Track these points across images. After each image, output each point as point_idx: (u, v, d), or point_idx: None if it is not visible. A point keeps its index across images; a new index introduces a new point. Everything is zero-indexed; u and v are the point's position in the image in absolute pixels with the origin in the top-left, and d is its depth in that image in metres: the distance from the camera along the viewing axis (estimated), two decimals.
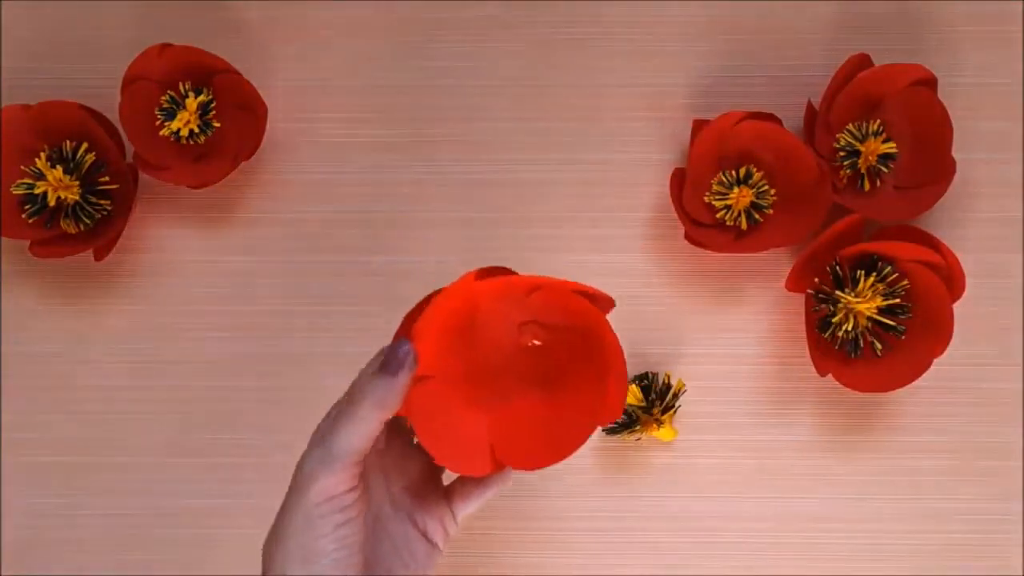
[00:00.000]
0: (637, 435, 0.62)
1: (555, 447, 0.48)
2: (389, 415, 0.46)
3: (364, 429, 0.45)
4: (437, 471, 0.52)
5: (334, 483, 0.45)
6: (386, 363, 0.46)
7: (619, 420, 0.61)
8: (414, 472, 0.51)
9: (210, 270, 0.66)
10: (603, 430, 0.62)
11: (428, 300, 0.48)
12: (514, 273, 0.47)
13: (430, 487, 0.51)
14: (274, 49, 0.68)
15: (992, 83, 0.67)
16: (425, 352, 0.46)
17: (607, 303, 0.48)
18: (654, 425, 0.62)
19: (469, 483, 0.51)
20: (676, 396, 0.62)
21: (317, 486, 0.45)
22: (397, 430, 0.51)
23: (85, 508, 0.64)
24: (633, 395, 0.61)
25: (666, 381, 0.62)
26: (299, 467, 0.46)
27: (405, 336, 0.46)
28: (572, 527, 0.63)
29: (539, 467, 0.48)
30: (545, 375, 0.49)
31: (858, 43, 0.66)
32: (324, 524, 0.45)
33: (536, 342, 0.49)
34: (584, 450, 0.63)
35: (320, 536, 0.45)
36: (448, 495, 0.51)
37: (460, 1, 0.68)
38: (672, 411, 0.62)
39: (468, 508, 0.51)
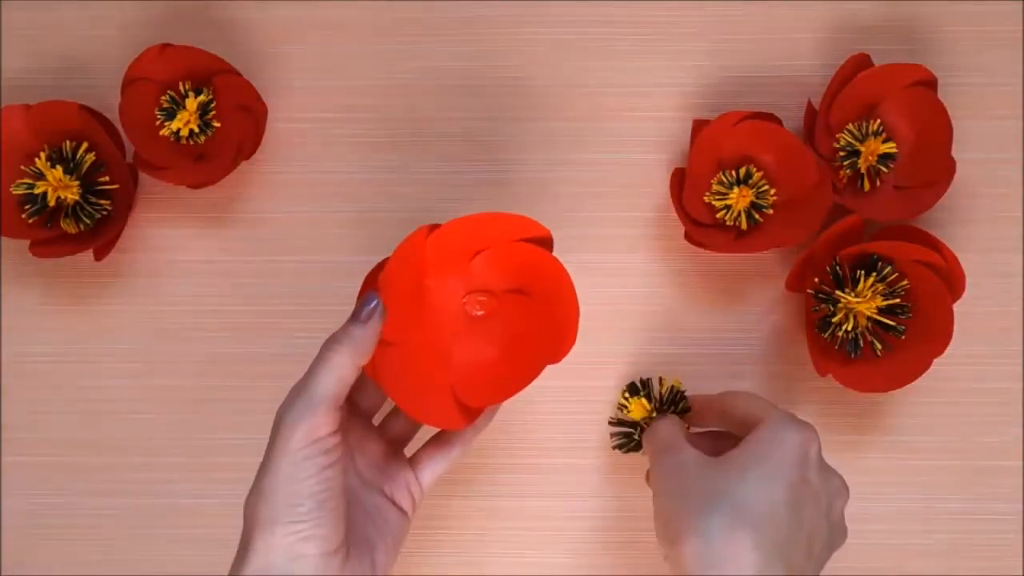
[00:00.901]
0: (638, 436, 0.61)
1: (514, 383, 0.52)
2: (362, 361, 0.49)
3: (341, 373, 0.48)
4: (398, 445, 0.55)
5: (317, 425, 0.47)
6: (356, 313, 0.50)
7: (635, 438, 0.60)
8: (376, 450, 0.54)
9: (210, 270, 0.66)
10: (618, 448, 0.61)
11: (384, 262, 0.52)
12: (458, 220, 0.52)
13: (393, 460, 0.54)
14: (274, 49, 0.68)
15: (992, 83, 0.67)
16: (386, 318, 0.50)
17: (547, 238, 0.53)
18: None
19: (431, 450, 0.55)
20: (684, 397, 0.61)
21: (300, 430, 0.47)
22: (355, 413, 0.54)
23: (85, 508, 0.64)
24: (641, 407, 0.60)
25: (663, 384, 0.62)
26: (279, 420, 0.48)
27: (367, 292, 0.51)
28: (570, 527, 0.63)
29: (500, 401, 0.53)
30: (498, 335, 0.54)
31: (858, 43, 0.66)
32: (309, 466, 0.47)
33: (480, 312, 0.54)
34: (584, 450, 0.64)
35: (306, 478, 0.47)
36: (413, 463, 0.54)
37: (459, 1, 0.68)
38: (687, 414, 0.61)
39: (434, 473, 0.55)
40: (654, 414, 0.60)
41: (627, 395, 0.61)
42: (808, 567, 0.51)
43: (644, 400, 0.61)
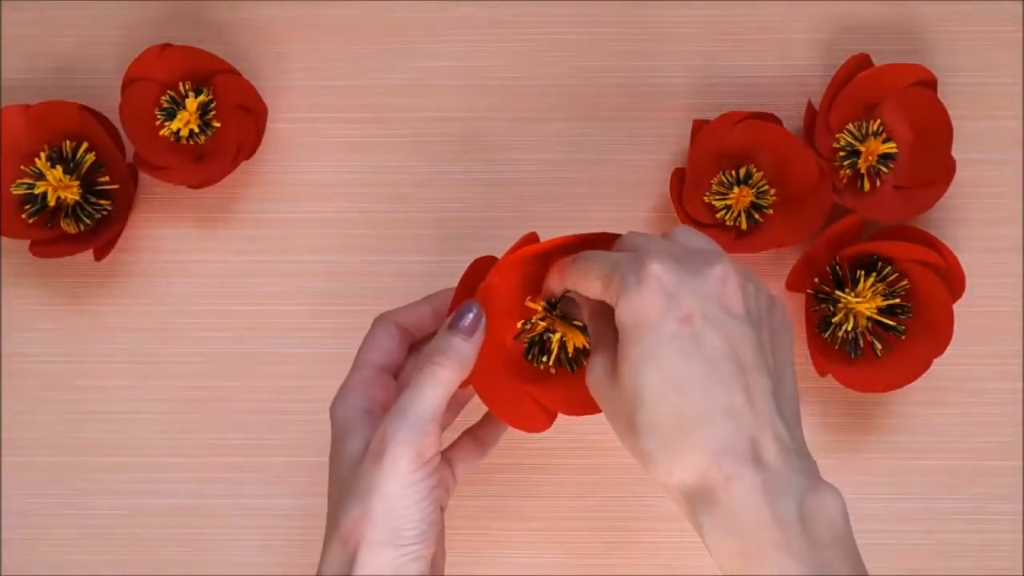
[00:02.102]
0: (555, 347, 0.53)
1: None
2: (465, 376, 0.48)
3: (448, 389, 0.47)
4: None
5: (428, 445, 0.46)
6: (456, 323, 0.48)
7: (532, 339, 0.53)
8: None
9: (210, 270, 0.66)
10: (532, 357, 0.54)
11: (476, 267, 0.51)
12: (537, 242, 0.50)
13: None
14: (274, 49, 0.68)
15: (992, 83, 0.67)
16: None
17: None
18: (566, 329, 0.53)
19: (466, 447, 0.54)
20: (570, 300, 0.53)
21: (411, 453, 0.45)
22: None
23: (85, 508, 0.64)
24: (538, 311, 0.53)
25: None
26: (386, 438, 0.46)
27: (463, 296, 0.49)
28: (570, 527, 0.63)
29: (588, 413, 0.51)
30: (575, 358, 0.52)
31: (858, 43, 0.66)
32: (420, 489, 0.46)
33: None
34: (585, 450, 0.64)
35: (415, 503, 0.46)
36: (447, 459, 0.53)
37: (460, 1, 0.68)
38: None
39: (467, 470, 0.54)
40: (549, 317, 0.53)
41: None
42: (761, 403, 0.43)
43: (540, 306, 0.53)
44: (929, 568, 0.63)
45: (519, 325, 0.52)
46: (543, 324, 0.52)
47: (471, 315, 0.48)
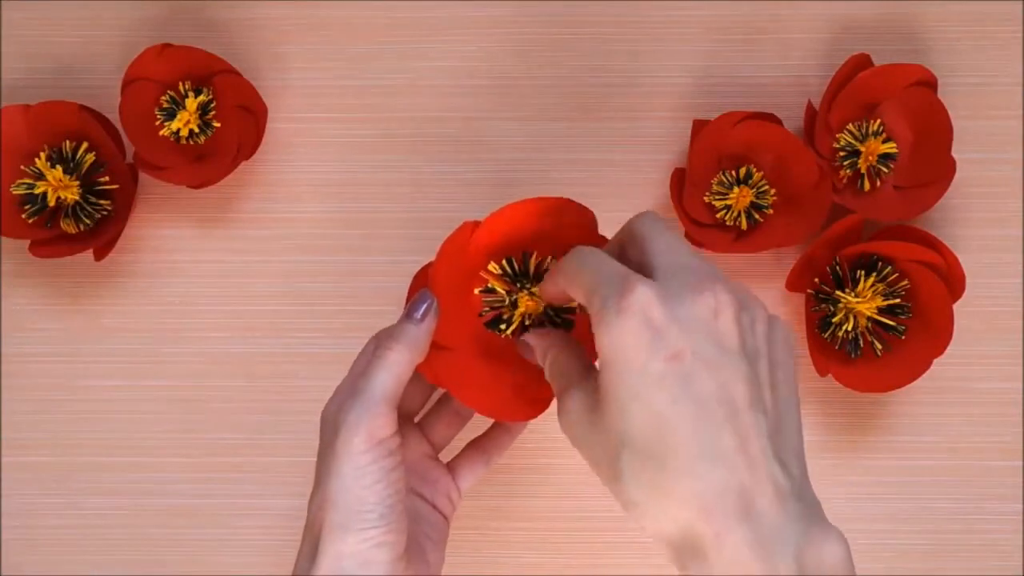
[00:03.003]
0: (517, 317, 0.52)
1: None
2: (418, 359, 0.48)
3: (398, 371, 0.47)
4: (434, 451, 0.54)
5: (378, 426, 0.46)
6: (412, 310, 0.48)
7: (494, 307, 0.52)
8: (414, 455, 0.53)
9: (210, 270, 0.66)
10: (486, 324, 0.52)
11: (428, 267, 0.51)
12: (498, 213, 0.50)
13: (431, 465, 0.53)
14: (274, 49, 0.68)
15: (992, 83, 0.67)
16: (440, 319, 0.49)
17: (592, 219, 0.51)
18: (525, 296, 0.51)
19: (471, 456, 0.54)
20: (541, 265, 0.52)
21: (362, 432, 0.46)
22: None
23: (85, 508, 0.64)
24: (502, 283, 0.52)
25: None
26: (335, 422, 0.46)
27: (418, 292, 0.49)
28: (570, 527, 0.63)
29: None
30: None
31: (858, 43, 0.66)
32: (375, 470, 0.46)
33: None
34: None
35: (373, 483, 0.46)
36: (451, 470, 0.54)
37: (460, 1, 0.68)
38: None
39: (472, 479, 0.54)
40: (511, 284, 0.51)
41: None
42: (755, 446, 0.40)
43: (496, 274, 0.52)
44: (929, 568, 0.63)
45: (476, 292, 0.52)
46: (502, 288, 0.51)
47: (424, 305, 0.48)
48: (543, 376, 0.49)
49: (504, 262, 0.51)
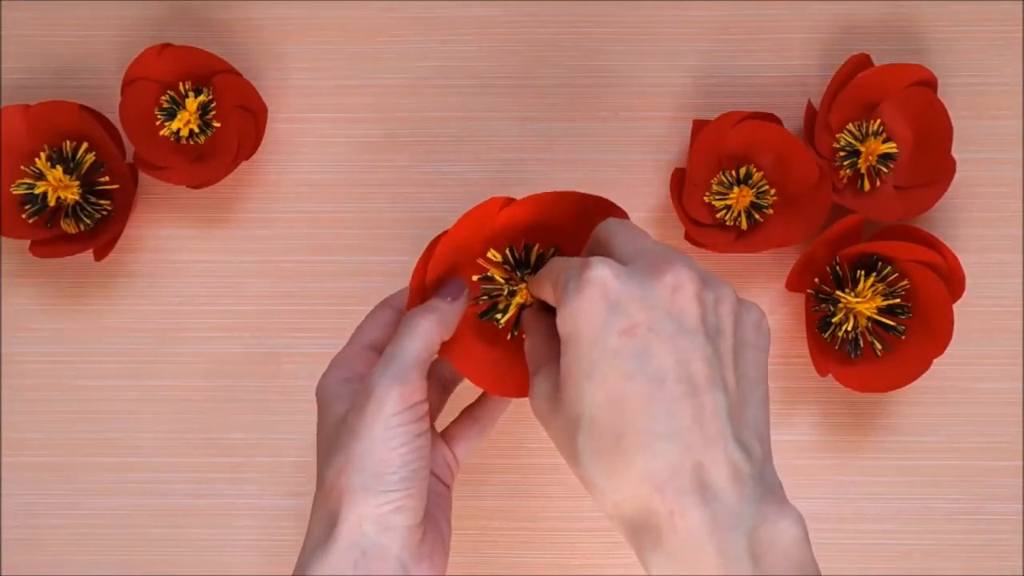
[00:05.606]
0: (513, 307, 0.52)
1: None
2: (447, 335, 0.48)
3: (428, 339, 0.47)
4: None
5: (411, 391, 0.46)
6: (444, 292, 0.49)
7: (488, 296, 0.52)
8: None
9: (210, 270, 0.66)
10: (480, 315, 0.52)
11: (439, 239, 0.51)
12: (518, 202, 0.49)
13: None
14: (274, 49, 0.68)
15: (992, 83, 0.67)
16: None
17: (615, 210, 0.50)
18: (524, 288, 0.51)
19: (465, 425, 0.54)
20: (542, 256, 0.52)
21: (394, 395, 0.45)
22: None
23: (85, 508, 0.64)
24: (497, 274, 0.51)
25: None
26: (370, 385, 0.46)
27: (425, 261, 0.50)
28: (571, 527, 0.63)
29: None
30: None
31: (858, 43, 0.66)
32: (403, 432, 0.46)
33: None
34: None
35: (399, 445, 0.45)
36: (447, 439, 0.53)
37: (460, 1, 0.68)
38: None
39: (468, 448, 0.54)
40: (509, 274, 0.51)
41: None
42: (712, 424, 0.39)
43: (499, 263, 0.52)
44: (929, 568, 0.63)
45: (474, 279, 0.52)
46: (500, 276, 0.51)
47: (456, 288, 0.49)
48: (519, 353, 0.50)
49: (507, 250, 0.51)
